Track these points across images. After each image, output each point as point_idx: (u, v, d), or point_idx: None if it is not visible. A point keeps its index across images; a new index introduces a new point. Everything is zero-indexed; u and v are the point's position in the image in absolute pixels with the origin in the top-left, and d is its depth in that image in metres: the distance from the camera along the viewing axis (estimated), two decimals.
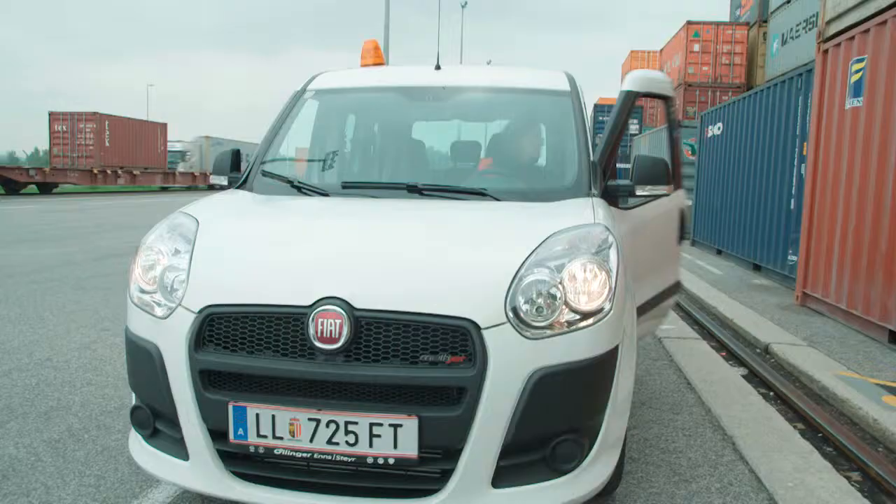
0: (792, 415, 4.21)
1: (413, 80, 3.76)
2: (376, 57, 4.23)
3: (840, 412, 4.19)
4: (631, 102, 3.38)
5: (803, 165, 7.94)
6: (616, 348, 2.29)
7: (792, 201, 8.58)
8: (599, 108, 32.72)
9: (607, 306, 2.24)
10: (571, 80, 3.64)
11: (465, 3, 39.29)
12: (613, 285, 2.27)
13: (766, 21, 21.79)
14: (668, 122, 4.23)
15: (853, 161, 6.32)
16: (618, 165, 3.47)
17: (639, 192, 3.03)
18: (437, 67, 3.73)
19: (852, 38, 6.44)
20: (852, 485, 3.17)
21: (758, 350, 5.67)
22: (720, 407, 4.03)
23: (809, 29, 16.15)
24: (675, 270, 4.06)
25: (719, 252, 12.10)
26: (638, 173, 3.04)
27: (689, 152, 14.43)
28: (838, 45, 6.76)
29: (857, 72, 6.29)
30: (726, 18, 27.15)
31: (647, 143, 18.66)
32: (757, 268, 9.99)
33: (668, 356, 5.05)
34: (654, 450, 3.40)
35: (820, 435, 3.88)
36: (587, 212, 2.65)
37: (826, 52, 7.05)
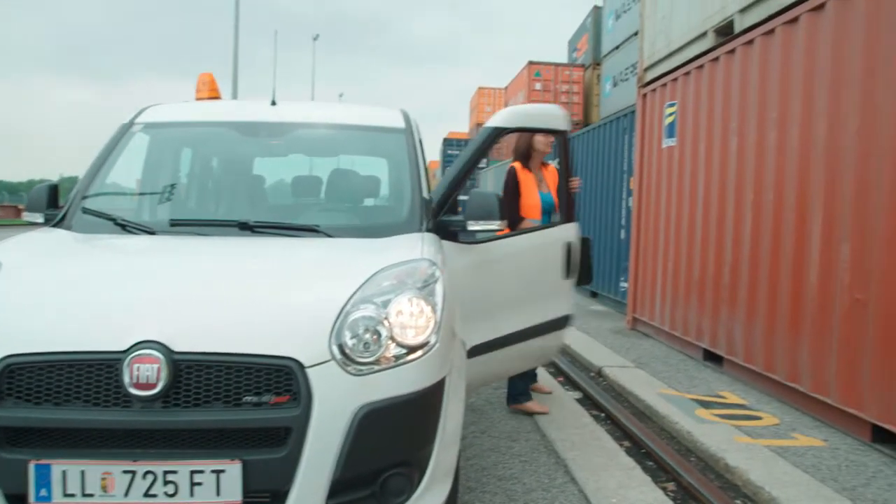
0: (620, 433, 4.49)
1: (247, 116, 3.71)
2: (211, 90, 4.14)
3: (661, 427, 4.52)
4: (492, 140, 3.54)
5: (630, 199, 8.58)
6: (443, 380, 2.36)
7: (622, 231, 9.24)
8: (448, 143, 33.60)
9: (433, 339, 2.30)
10: (406, 118, 3.73)
11: (317, 35, 39.29)
12: (439, 319, 2.35)
13: (599, 64, 23.48)
14: (561, 157, 4.22)
15: (670, 196, 6.92)
16: (463, 198, 3.60)
17: (470, 227, 3.16)
18: (273, 103, 3.71)
19: (665, 84, 7.10)
20: (667, 495, 3.44)
21: (592, 374, 6.02)
22: (555, 431, 4.23)
23: (635, 73, 17.57)
24: (557, 305, 3.89)
25: None
26: (469, 208, 3.17)
27: None
28: (654, 89, 7.42)
29: (671, 115, 6.93)
30: (565, 60, 28.92)
31: (493, 176, 19.41)
32: (594, 295, 10.62)
33: None
34: (491, 477, 3.50)
35: (643, 451, 4.17)
36: (416, 247, 2.73)
37: (645, 95, 7.72)
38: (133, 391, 1.99)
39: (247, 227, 2.94)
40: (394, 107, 3.91)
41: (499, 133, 3.55)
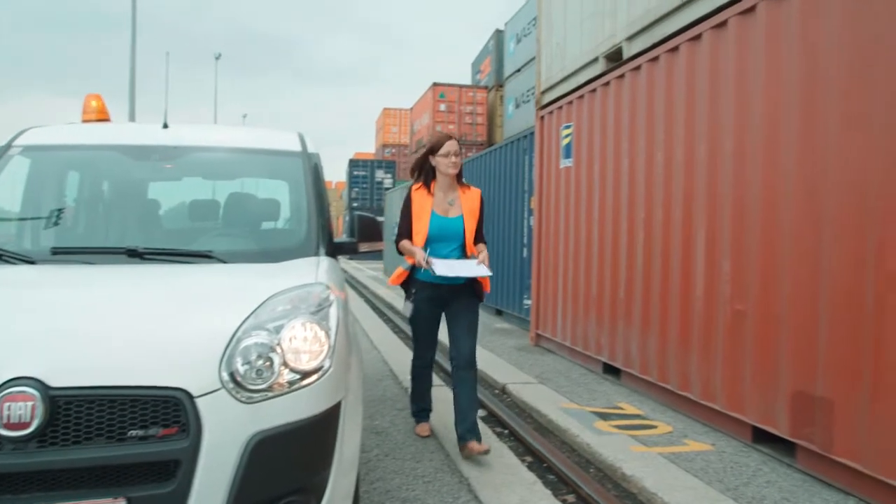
0: (522, 449, 4.58)
1: (137, 139, 3.61)
2: (99, 112, 4.00)
3: (562, 441, 4.64)
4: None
5: (532, 218, 8.80)
6: (338, 405, 2.36)
7: (525, 250, 9.45)
8: (354, 163, 33.59)
9: (327, 364, 2.30)
10: (303, 141, 3.73)
11: (219, 55, 38.46)
12: (333, 343, 2.35)
13: (502, 85, 24.07)
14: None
15: (568, 215, 7.15)
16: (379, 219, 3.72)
17: (362, 249, 3.21)
18: (165, 126, 3.62)
19: (561, 106, 7.36)
20: None
21: (496, 391, 6.11)
22: (458, 450, 4.26)
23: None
24: None
25: None
26: (360, 231, 3.23)
27: None
28: (552, 112, 7.68)
29: (567, 136, 7.18)
30: (469, 82, 29.53)
31: (399, 196, 19.47)
32: (499, 313, 10.80)
33: None
34: (395, 500, 3.49)
35: (545, 465, 4.26)
36: (311, 271, 2.73)
37: (543, 117, 7.97)
38: (2, 432, 1.89)
39: (136, 255, 2.86)
40: (291, 130, 3.89)
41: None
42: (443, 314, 4.36)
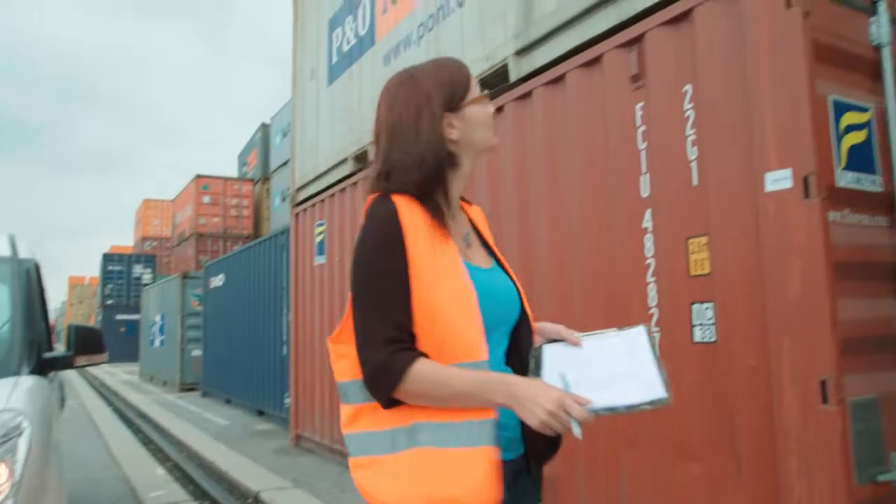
0: None
1: None
2: None
3: None
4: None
5: (291, 314, 8.70)
6: None
7: (284, 347, 9.27)
8: (109, 258, 31.13)
9: (10, 502, 2.05)
10: (13, 245, 3.40)
11: None
12: (19, 477, 2.11)
13: (268, 178, 24.00)
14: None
15: (322, 312, 7.19)
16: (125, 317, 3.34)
17: (78, 363, 2.97)
18: None
19: (315, 204, 7.50)
20: None
21: (249, 500, 5.79)
22: None
23: None
24: None
25: (228, 401, 12.26)
26: (77, 343, 3.01)
27: (196, 303, 14.66)
28: (306, 209, 7.78)
29: (320, 234, 7.30)
30: (236, 174, 29.05)
31: (158, 293, 18.29)
32: (261, 413, 10.39)
33: None
34: None
35: None
36: (2, 395, 2.45)
37: (297, 214, 8.05)
38: None
39: None
40: (6, 230, 3.55)
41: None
42: None
